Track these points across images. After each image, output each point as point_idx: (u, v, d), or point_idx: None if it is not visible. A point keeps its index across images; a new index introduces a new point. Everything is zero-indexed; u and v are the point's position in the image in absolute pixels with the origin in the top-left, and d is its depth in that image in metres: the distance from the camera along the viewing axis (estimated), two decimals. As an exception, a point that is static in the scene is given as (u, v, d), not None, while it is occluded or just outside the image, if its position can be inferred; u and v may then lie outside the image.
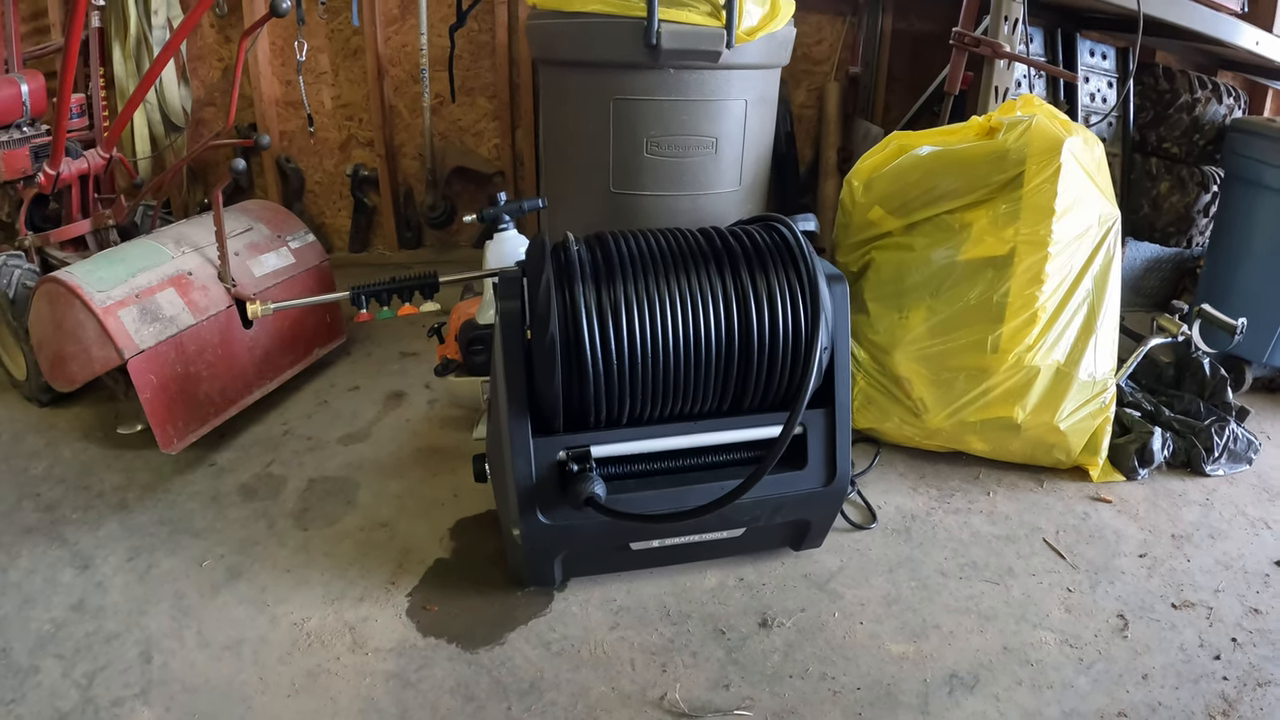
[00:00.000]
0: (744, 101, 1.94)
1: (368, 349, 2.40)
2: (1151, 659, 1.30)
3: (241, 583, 1.45)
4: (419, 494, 1.71)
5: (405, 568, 1.49)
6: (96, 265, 1.80)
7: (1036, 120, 1.68)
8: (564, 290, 1.12)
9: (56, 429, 1.94)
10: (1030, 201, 1.65)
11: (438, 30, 2.84)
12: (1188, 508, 1.70)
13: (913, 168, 1.75)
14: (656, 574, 1.46)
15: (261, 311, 1.57)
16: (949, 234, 1.72)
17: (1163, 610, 1.41)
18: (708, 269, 1.15)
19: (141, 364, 1.69)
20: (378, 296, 1.60)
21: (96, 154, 2.19)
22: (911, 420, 1.78)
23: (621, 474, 1.24)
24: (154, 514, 1.63)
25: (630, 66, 1.83)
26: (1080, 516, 1.67)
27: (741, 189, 2.05)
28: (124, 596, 1.41)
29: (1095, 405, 1.76)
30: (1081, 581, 1.48)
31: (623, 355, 1.10)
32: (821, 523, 1.41)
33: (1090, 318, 1.73)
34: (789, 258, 1.16)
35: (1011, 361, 1.68)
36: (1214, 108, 2.53)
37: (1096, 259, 1.73)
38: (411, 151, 3.09)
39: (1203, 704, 1.22)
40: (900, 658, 1.31)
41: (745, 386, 1.18)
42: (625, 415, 1.17)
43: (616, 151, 1.92)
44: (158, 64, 1.93)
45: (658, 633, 1.34)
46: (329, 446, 1.89)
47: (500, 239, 1.69)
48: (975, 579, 1.49)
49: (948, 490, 1.75)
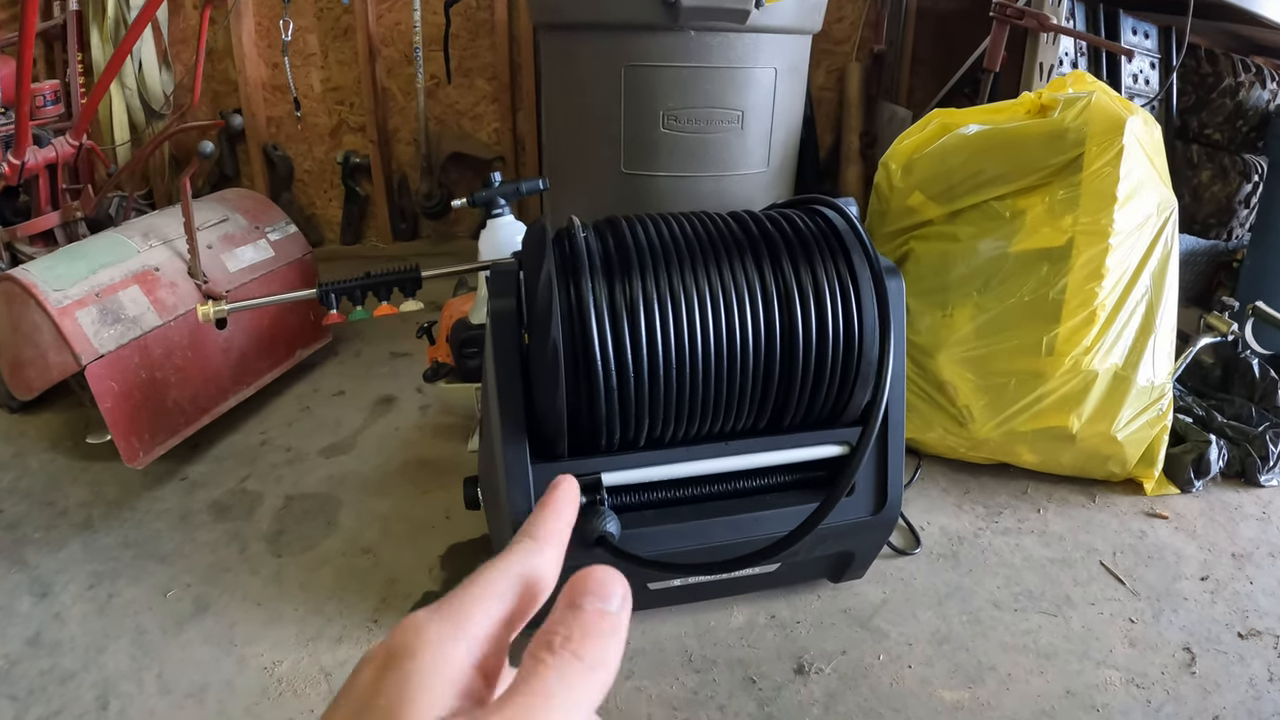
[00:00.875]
0: (774, 70, 1.73)
1: (356, 348, 2.23)
2: (1221, 697, 1.17)
3: (209, 617, 1.29)
4: (407, 515, 1.54)
5: (390, 602, 1.32)
6: (56, 262, 1.63)
7: (1095, 97, 1.50)
8: (568, 286, 0.93)
9: (26, 437, 1.81)
10: (1090, 187, 1.47)
11: (433, 7, 2.66)
12: (1245, 522, 1.57)
13: (957, 149, 1.57)
14: (675, 612, 1.29)
15: (214, 314, 1.38)
16: (998, 222, 1.54)
17: (1229, 641, 1.28)
18: (743, 260, 0.96)
19: (101, 370, 1.52)
20: (350, 294, 1.40)
21: (65, 141, 2.03)
22: (956, 430, 1.61)
23: (636, 503, 1.06)
24: (119, 535, 1.49)
25: (645, 28, 1.63)
26: (1137, 535, 1.53)
27: (769, 170, 1.85)
28: (82, 630, 1.27)
29: (1153, 413, 1.59)
30: (1144, 610, 1.34)
31: (641, 365, 0.92)
32: (866, 554, 1.23)
33: (1149, 316, 1.56)
34: (839, 246, 0.97)
35: (1068, 365, 1.50)
36: (1258, 92, 2.37)
37: (1155, 251, 1.56)
38: (406, 137, 2.91)
39: (1277, 745, 1.09)
40: (955, 707, 1.14)
41: (787, 401, 0.99)
42: (643, 437, 0.99)
43: (629, 127, 1.72)
44: (125, 43, 1.77)
45: (679, 682, 1.18)
46: (310, 459, 1.72)
47: (494, 226, 1.48)
48: (1031, 610, 1.33)
49: (995, 508, 1.59)
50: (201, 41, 1.56)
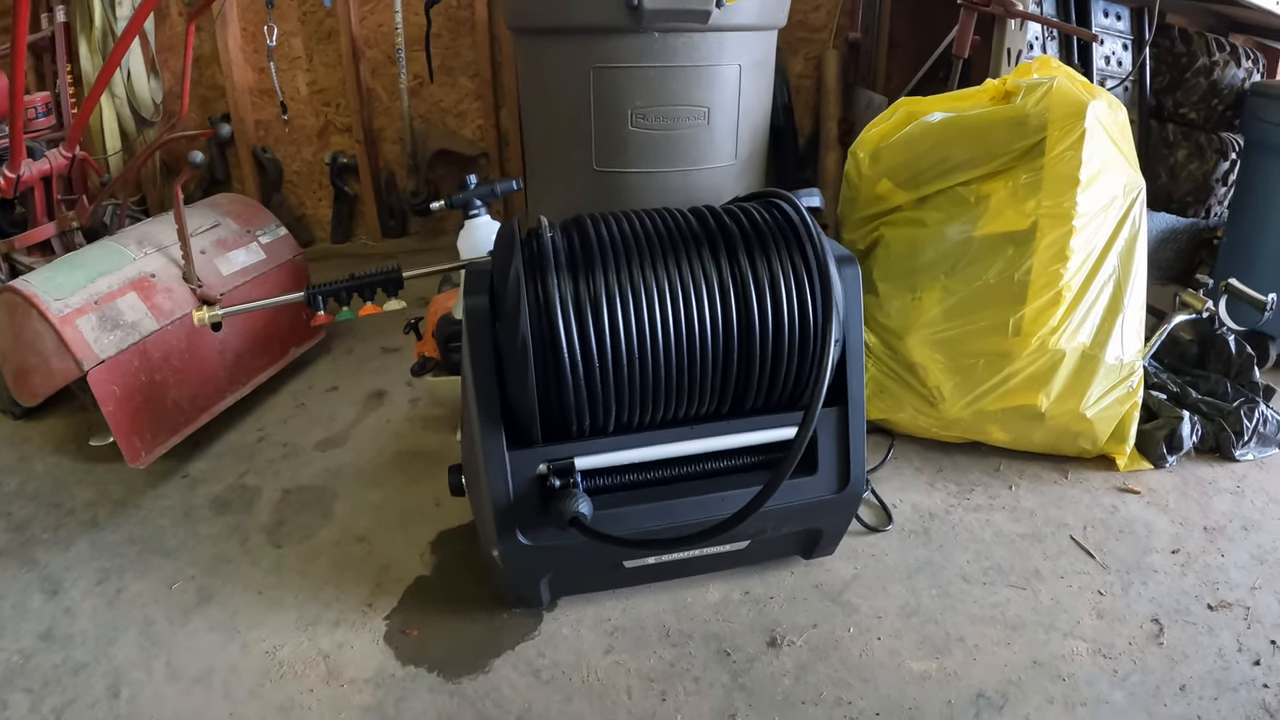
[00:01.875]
0: (737, 66, 1.78)
1: (348, 345, 2.29)
2: (1189, 667, 1.21)
3: (212, 606, 1.35)
4: (398, 503, 1.60)
5: (384, 587, 1.38)
6: (55, 271, 1.69)
7: (1057, 83, 1.54)
8: (536, 283, 0.99)
9: (30, 442, 1.86)
10: (1053, 171, 1.52)
11: (414, 8, 2.69)
12: (1219, 496, 1.60)
13: (923, 136, 1.61)
14: (654, 589, 1.35)
15: (209, 319, 1.44)
16: (964, 207, 1.59)
17: (1198, 612, 1.31)
18: (701, 253, 1.02)
19: (102, 375, 1.58)
20: (336, 295, 1.46)
21: (59, 153, 2.08)
22: (927, 410, 1.66)
23: (609, 486, 1.12)
24: (124, 532, 1.54)
25: (610, 31, 1.67)
26: (1108, 510, 1.56)
27: (737, 163, 1.90)
28: (92, 623, 1.33)
29: (1123, 390, 1.63)
30: (1113, 583, 1.38)
31: (605, 356, 0.98)
32: (834, 531, 1.29)
33: (1116, 296, 1.60)
34: (793, 238, 1.02)
35: (1035, 345, 1.55)
36: (1233, 71, 2.39)
37: (1122, 232, 1.60)
38: (392, 136, 2.95)
39: (1243, 715, 1.13)
40: (922, 677, 1.20)
41: (747, 386, 1.05)
42: (611, 423, 1.05)
43: (599, 126, 1.77)
44: (114, 55, 1.81)
45: (657, 656, 1.24)
46: (305, 453, 1.78)
47: (471, 226, 1.54)
48: (1000, 584, 1.38)
49: (967, 485, 1.64)
50: (188, 50, 1.60)
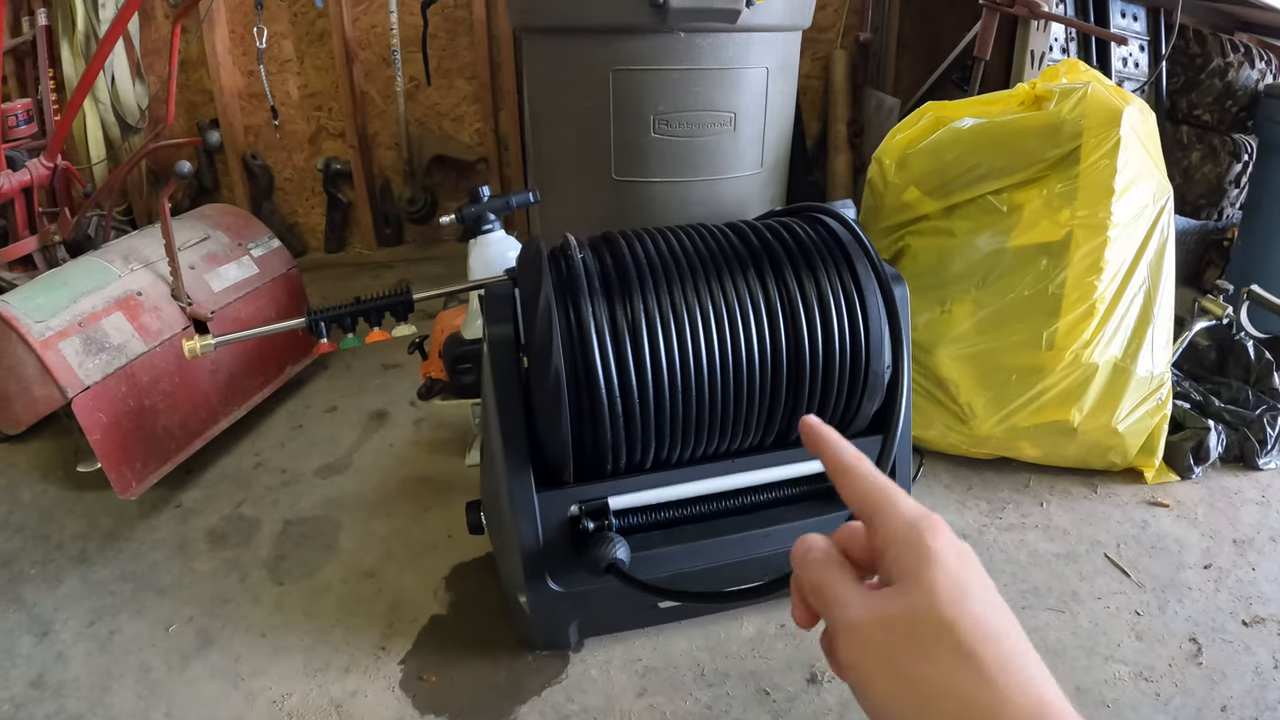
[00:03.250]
0: (765, 69, 1.69)
1: (347, 362, 2.20)
2: (1228, 687, 1.18)
3: (213, 651, 1.27)
4: (408, 535, 1.52)
5: (396, 627, 1.30)
6: (36, 291, 1.59)
7: (1092, 88, 1.48)
8: (568, 309, 0.90)
9: (16, 469, 1.77)
10: (1088, 179, 1.46)
11: (409, 8, 2.60)
12: (1245, 507, 1.57)
13: (952, 143, 1.55)
14: (685, 625, 1.27)
15: (201, 350, 1.34)
16: (996, 217, 1.53)
17: (1234, 629, 1.29)
18: (745, 274, 0.94)
19: (88, 402, 1.49)
20: (340, 321, 1.36)
21: (40, 163, 1.98)
22: (958, 427, 1.60)
23: (643, 525, 1.05)
24: (116, 567, 1.46)
25: (633, 30, 1.58)
26: (1139, 525, 1.53)
27: (763, 172, 1.81)
28: (86, 669, 1.24)
29: (1153, 403, 1.59)
30: (1149, 602, 1.34)
31: (645, 389, 0.90)
32: (875, 563, 1.22)
33: (1147, 306, 1.56)
34: (841, 256, 0.95)
35: (1068, 359, 1.50)
36: (1246, 72, 2.36)
37: (1152, 240, 1.55)
38: (387, 141, 2.86)
39: (1281, 732, 1.10)
40: (970, 711, 1.14)
41: (794, 415, 0.97)
42: (649, 459, 0.97)
43: (618, 132, 1.68)
44: (97, 59, 1.72)
45: (692, 698, 1.17)
46: (305, 480, 1.69)
47: (484, 242, 1.44)
48: (1039, 608, 1.33)
49: (998, 503, 1.58)
50: (174, 54, 1.51)
